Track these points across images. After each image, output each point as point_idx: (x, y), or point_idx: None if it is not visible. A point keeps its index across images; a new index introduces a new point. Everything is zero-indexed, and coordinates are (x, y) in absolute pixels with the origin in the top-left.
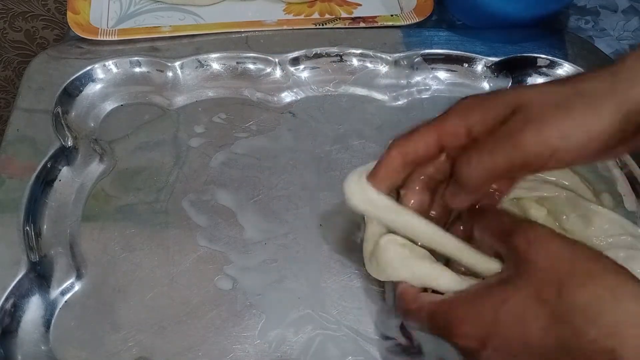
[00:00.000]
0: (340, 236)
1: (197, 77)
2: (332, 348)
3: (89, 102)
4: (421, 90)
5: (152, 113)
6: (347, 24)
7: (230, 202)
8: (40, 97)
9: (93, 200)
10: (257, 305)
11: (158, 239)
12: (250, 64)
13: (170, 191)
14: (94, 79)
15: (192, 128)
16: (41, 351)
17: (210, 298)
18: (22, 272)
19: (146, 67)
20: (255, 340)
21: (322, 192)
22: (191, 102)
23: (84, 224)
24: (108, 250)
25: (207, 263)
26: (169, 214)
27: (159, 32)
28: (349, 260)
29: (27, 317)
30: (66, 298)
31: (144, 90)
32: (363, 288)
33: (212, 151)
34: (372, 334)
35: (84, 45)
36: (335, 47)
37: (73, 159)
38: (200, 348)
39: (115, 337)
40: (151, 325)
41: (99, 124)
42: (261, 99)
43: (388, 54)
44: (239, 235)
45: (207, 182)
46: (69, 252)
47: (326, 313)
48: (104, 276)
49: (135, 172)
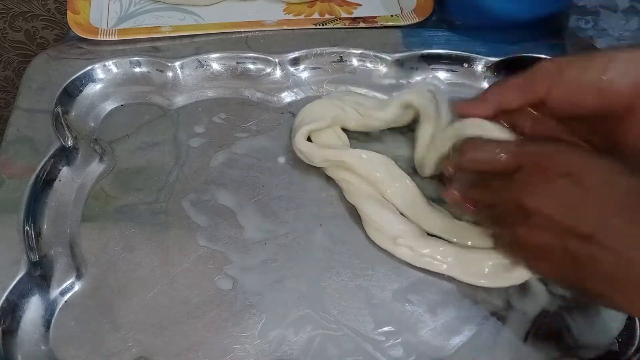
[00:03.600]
0: (340, 236)
1: (197, 77)
2: (332, 348)
3: (89, 102)
4: None
5: (152, 113)
6: (347, 24)
7: (230, 202)
8: (40, 97)
9: (93, 200)
10: (257, 305)
11: (158, 239)
12: (250, 64)
13: (170, 191)
14: (94, 79)
15: (192, 128)
16: (41, 351)
17: (210, 298)
18: (22, 272)
19: (146, 67)
20: (255, 340)
21: (323, 191)
22: (191, 102)
23: (84, 224)
24: (108, 250)
25: (207, 263)
26: (169, 214)
27: (159, 32)
28: (349, 260)
29: (27, 317)
30: (66, 298)
31: (144, 90)
32: (363, 288)
33: (212, 151)
34: (372, 333)
35: (84, 45)
36: (335, 47)
37: (73, 159)
38: (200, 348)
39: (115, 337)
40: (151, 325)
41: (99, 124)
42: (261, 99)
43: (388, 54)
44: (239, 235)
45: (207, 182)
46: (69, 252)
47: (326, 313)
48: (104, 276)
49: (135, 172)
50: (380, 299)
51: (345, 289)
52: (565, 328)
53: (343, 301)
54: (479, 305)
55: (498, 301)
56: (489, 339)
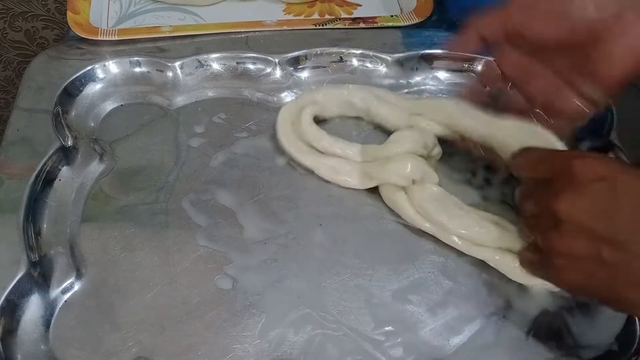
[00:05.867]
0: (340, 236)
1: (197, 77)
2: (332, 348)
3: (89, 102)
4: (421, 90)
5: (152, 113)
6: (347, 25)
7: (230, 202)
8: (40, 97)
9: (93, 200)
10: (257, 305)
11: (158, 239)
12: (250, 64)
13: (170, 191)
14: (94, 79)
15: (192, 128)
16: (41, 351)
17: (210, 298)
18: (22, 272)
19: (146, 67)
20: (255, 339)
21: (323, 191)
22: (191, 102)
23: (83, 224)
24: (108, 250)
25: (207, 263)
26: (168, 214)
27: (159, 32)
28: (349, 260)
29: (27, 316)
30: (66, 298)
31: (144, 90)
32: (363, 288)
33: (212, 151)
34: (372, 333)
35: (84, 45)
36: (335, 47)
37: (73, 159)
38: (200, 348)
39: (115, 337)
40: (151, 325)
41: (99, 124)
42: (261, 99)
43: (388, 54)
44: (239, 235)
45: (207, 182)
46: (69, 251)
47: (326, 313)
48: (104, 276)
49: (135, 172)
50: (380, 299)
51: (345, 288)
52: (565, 328)
53: (343, 301)
54: (479, 305)
55: (498, 301)
56: (489, 339)
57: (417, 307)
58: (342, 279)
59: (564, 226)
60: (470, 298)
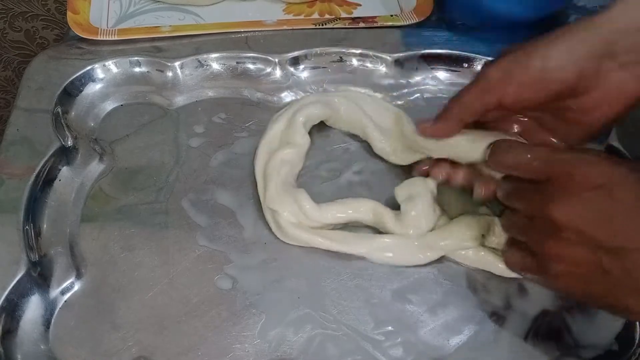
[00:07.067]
0: None
1: (197, 77)
2: (332, 347)
3: (89, 102)
4: (421, 90)
5: (152, 113)
6: (347, 24)
7: (230, 202)
8: (40, 97)
9: (93, 200)
10: (256, 305)
11: (158, 239)
12: (250, 64)
13: (170, 191)
14: (94, 79)
15: (192, 128)
16: (41, 350)
17: (210, 297)
18: (21, 272)
19: (146, 67)
20: (255, 339)
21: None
22: (191, 102)
23: (83, 224)
24: (108, 250)
25: (207, 263)
26: (168, 213)
27: (159, 32)
28: (349, 260)
29: (27, 316)
30: (66, 297)
31: (144, 90)
32: (363, 288)
33: (212, 151)
34: (371, 333)
35: (84, 45)
36: (335, 47)
37: (73, 159)
38: (200, 348)
39: (114, 337)
40: (151, 324)
41: (99, 124)
42: (261, 99)
43: (388, 54)
44: (239, 235)
45: (207, 181)
46: (69, 251)
47: (326, 313)
48: (104, 276)
49: (135, 172)
50: (380, 299)
51: (344, 288)
52: (565, 328)
53: (343, 301)
54: (479, 305)
55: (498, 301)
56: (489, 339)
57: (416, 307)
58: (342, 279)
59: (562, 233)
60: (470, 298)
